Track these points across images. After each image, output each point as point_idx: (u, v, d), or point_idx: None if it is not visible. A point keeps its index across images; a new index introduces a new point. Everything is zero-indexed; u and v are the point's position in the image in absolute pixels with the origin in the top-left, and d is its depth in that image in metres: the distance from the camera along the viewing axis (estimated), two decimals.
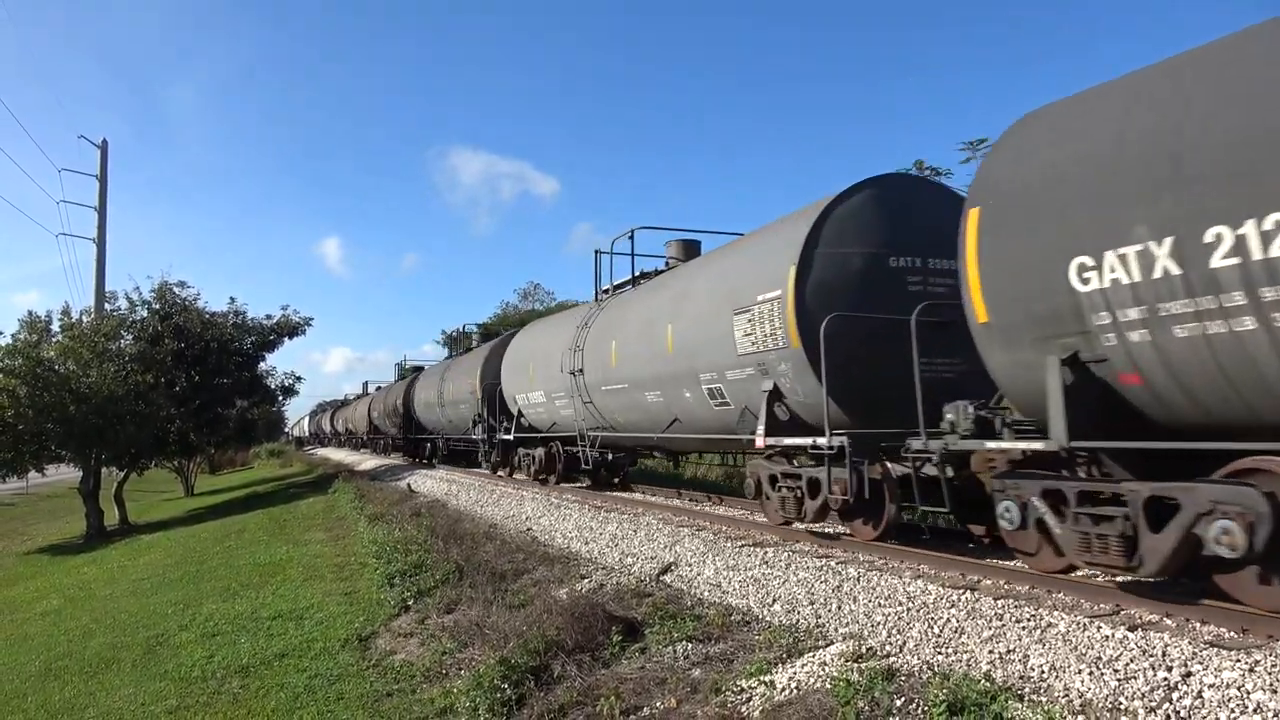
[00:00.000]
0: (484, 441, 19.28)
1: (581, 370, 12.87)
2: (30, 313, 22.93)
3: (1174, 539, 4.66)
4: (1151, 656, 4.15)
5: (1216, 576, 4.82)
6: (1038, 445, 5.36)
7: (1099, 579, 5.74)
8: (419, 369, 34.28)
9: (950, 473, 6.49)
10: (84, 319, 24.10)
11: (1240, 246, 4.10)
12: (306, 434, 79.08)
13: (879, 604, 5.81)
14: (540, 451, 16.23)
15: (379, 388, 45.93)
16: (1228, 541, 4.36)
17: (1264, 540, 4.24)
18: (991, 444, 5.82)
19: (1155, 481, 4.82)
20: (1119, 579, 5.58)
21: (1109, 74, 5.62)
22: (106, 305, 26.36)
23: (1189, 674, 3.92)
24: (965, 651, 4.80)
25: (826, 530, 8.43)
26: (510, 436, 17.13)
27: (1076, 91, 5.51)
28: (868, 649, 5.14)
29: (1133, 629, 4.54)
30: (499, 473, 19.45)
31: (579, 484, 15.82)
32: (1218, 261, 4.20)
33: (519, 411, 16.67)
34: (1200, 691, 3.77)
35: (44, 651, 9.42)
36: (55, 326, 23.02)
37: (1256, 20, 4.50)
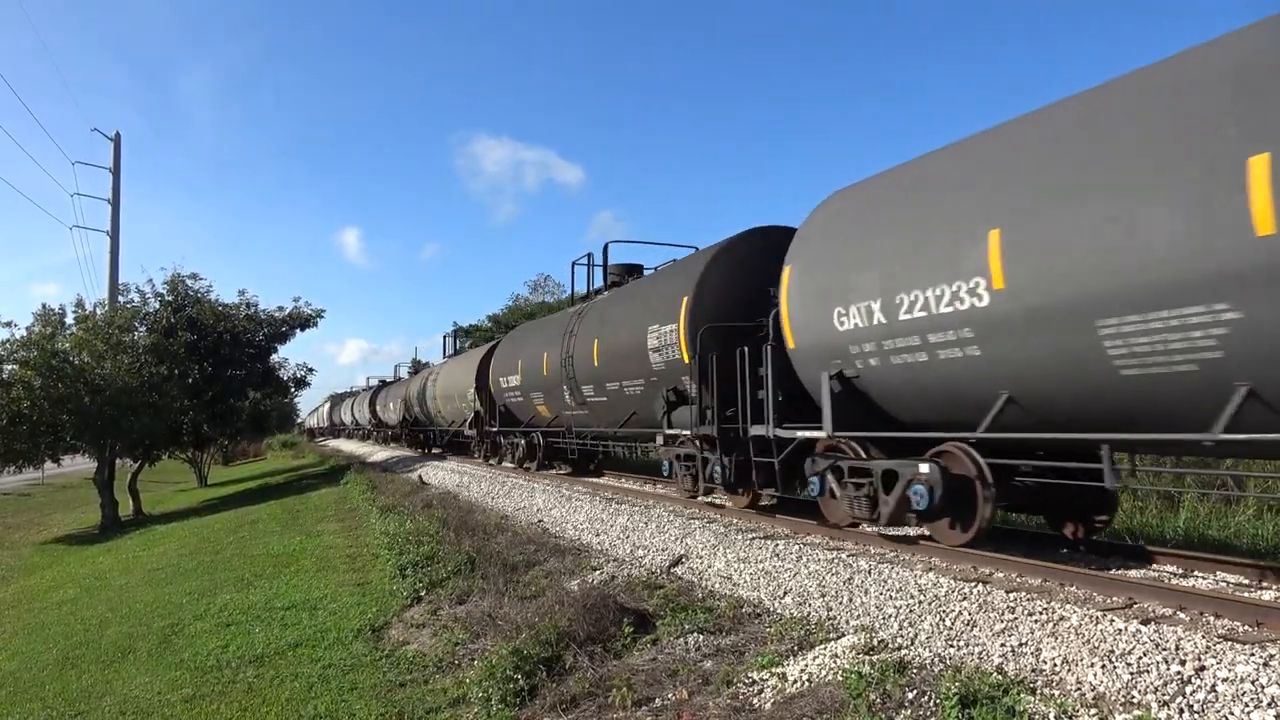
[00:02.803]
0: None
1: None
2: (44, 305, 23.14)
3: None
4: (1165, 650, 4.14)
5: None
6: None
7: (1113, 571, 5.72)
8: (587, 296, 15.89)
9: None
10: (98, 311, 24.31)
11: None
12: (327, 423, 77.90)
13: (890, 597, 5.82)
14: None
15: (456, 352, 27.72)
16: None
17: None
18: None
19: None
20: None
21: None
22: (120, 297, 26.57)
23: (1203, 668, 3.91)
24: (977, 644, 4.81)
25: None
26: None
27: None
28: (879, 641, 5.15)
29: (1145, 623, 4.53)
30: None
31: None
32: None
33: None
34: (1214, 685, 3.76)
35: (61, 640, 9.53)
36: (70, 319, 23.23)
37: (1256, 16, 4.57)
